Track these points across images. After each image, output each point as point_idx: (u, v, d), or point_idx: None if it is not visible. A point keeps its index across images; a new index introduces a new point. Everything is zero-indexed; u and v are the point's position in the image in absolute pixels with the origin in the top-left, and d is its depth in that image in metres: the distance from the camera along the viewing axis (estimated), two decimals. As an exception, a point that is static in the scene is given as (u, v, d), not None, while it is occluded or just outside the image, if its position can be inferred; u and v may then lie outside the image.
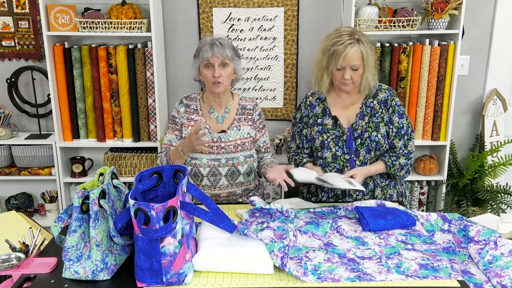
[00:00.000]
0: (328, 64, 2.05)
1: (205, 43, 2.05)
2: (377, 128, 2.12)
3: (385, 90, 2.18)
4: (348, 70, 2.03)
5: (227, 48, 2.04)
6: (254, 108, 2.21)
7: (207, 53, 2.02)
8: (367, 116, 2.14)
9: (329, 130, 2.15)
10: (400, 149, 2.15)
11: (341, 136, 2.13)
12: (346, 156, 2.12)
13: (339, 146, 2.13)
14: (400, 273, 1.47)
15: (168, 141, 2.17)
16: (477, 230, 1.67)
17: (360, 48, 2.01)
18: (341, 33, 2.03)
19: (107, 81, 2.94)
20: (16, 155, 3.07)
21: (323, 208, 1.95)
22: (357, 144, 2.12)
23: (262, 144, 2.23)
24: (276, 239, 1.55)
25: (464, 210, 2.88)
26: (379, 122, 2.13)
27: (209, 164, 2.11)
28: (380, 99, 2.15)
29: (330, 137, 2.14)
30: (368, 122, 2.13)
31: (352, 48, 1.99)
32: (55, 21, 2.84)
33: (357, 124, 2.13)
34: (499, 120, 3.17)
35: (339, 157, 2.13)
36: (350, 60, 2.00)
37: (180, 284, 1.40)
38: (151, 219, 1.31)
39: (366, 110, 2.14)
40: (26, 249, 1.56)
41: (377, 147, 2.12)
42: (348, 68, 2.02)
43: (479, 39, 3.11)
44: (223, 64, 2.05)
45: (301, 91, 3.20)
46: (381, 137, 2.11)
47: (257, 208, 1.81)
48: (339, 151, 2.13)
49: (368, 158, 2.13)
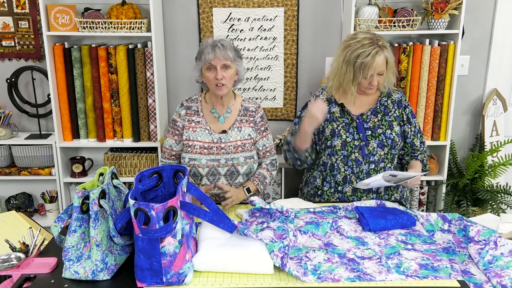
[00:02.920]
0: (355, 76, 2.05)
1: (207, 45, 2.04)
2: (391, 127, 2.15)
3: (397, 91, 2.23)
4: (375, 77, 2.05)
5: (228, 49, 2.04)
6: (256, 110, 2.21)
7: (209, 56, 2.02)
8: (380, 113, 2.17)
9: (337, 118, 2.17)
10: (421, 147, 2.23)
11: (350, 123, 2.15)
12: (356, 142, 2.13)
13: (350, 133, 2.14)
14: (400, 273, 1.47)
15: (169, 146, 2.19)
16: (477, 230, 1.67)
17: (386, 54, 2.03)
18: (362, 42, 2.02)
19: (107, 81, 2.94)
20: (16, 155, 3.07)
21: (323, 208, 1.95)
22: (368, 134, 2.14)
23: (261, 147, 2.22)
24: (276, 239, 1.55)
25: (464, 210, 2.88)
26: (392, 121, 2.17)
27: (208, 165, 2.11)
28: (394, 99, 2.20)
29: (340, 125, 2.16)
30: (381, 120, 2.16)
31: (380, 57, 2.01)
32: (55, 21, 2.84)
33: (369, 117, 2.16)
34: (499, 120, 3.17)
35: (348, 143, 2.13)
36: (379, 68, 2.03)
37: (180, 284, 1.40)
38: (151, 219, 1.31)
39: (380, 108, 2.18)
40: (26, 249, 1.56)
41: (393, 145, 2.15)
42: (376, 75, 2.05)
43: (479, 39, 3.12)
44: (225, 66, 2.05)
45: (301, 91, 3.20)
46: (395, 135, 2.15)
47: (257, 208, 1.81)
48: (350, 137, 2.14)
49: (378, 152, 2.14)
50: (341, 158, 2.14)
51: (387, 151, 2.14)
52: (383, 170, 2.16)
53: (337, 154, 2.15)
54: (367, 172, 2.14)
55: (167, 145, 2.20)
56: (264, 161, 2.25)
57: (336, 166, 2.16)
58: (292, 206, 1.95)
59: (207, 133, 2.12)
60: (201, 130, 2.13)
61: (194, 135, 2.12)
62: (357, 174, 2.14)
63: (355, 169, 2.14)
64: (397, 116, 2.18)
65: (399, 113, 2.19)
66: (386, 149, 2.14)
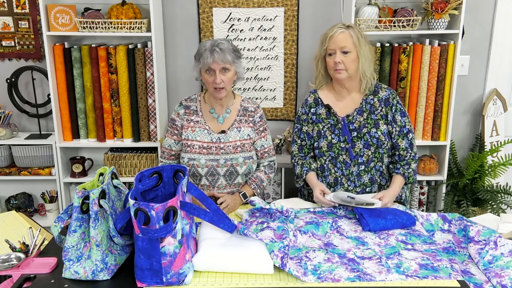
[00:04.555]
0: (321, 51, 2.13)
1: (206, 49, 2.04)
2: (377, 125, 2.13)
3: (386, 89, 2.19)
4: (338, 54, 2.06)
5: (227, 52, 2.03)
6: (255, 110, 2.21)
7: (208, 60, 2.02)
8: (366, 112, 2.15)
9: (323, 119, 2.17)
10: (407, 152, 2.16)
11: (336, 124, 2.15)
12: (342, 145, 2.13)
13: (335, 134, 2.15)
14: (400, 273, 1.47)
15: (168, 146, 2.20)
16: (477, 230, 1.67)
17: (349, 31, 2.07)
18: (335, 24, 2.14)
19: (107, 81, 2.94)
20: (16, 155, 3.07)
21: (323, 208, 1.95)
22: (353, 136, 2.13)
23: (259, 148, 2.22)
24: (276, 239, 1.55)
25: (464, 210, 2.88)
26: (378, 120, 2.14)
27: (207, 165, 2.11)
28: (381, 97, 2.17)
29: (325, 126, 2.16)
30: (367, 119, 2.14)
31: (342, 32, 2.08)
32: (55, 21, 2.84)
33: (354, 117, 2.14)
34: (499, 120, 3.17)
35: (334, 145, 2.14)
36: (339, 42, 2.06)
37: (180, 284, 1.40)
38: (151, 219, 1.31)
39: (365, 107, 2.16)
40: (26, 249, 1.56)
41: (379, 144, 2.13)
42: (339, 51, 2.06)
43: (479, 39, 3.11)
44: (224, 69, 2.05)
45: (301, 91, 3.20)
46: (381, 134, 2.12)
47: (257, 208, 1.81)
48: (335, 139, 2.14)
49: (366, 153, 2.13)
50: (329, 159, 2.16)
51: (374, 151, 2.13)
52: (374, 169, 2.15)
53: (324, 156, 2.16)
54: (358, 173, 2.14)
55: (166, 144, 2.20)
56: (262, 162, 2.25)
57: (326, 167, 2.17)
58: (292, 206, 1.95)
59: (206, 133, 2.12)
60: (200, 130, 2.13)
61: (193, 135, 2.12)
62: (348, 176, 2.15)
63: (344, 171, 2.15)
64: (383, 114, 2.15)
65: (385, 111, 2.16)
66: (372, 148, 2.13)
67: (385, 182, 2.20)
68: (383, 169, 2.18)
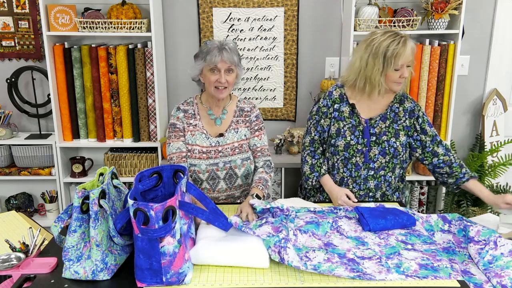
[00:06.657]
0: (385, 67, 1.98)
1: (214, 47, 2.01)
2: (397, 135, 2.09)
3: (411, 100, 2.15)
4: (405, 68, 2.00)
5: (234, 53, 2.03)
6: (251, 110, 2.19)
7: (216, 58, 1.99)
8: (389, 120, 2.10)
9: (345, 118, 2.12)
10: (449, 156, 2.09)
11: (357, 125, 2.10)
12: (359, 147, 2.09)
13: (355, 136, 2.09)
14: (400, 273, 1.47)
15: (177, 149, 2.09)
16: (477, 230, 1.67)
17: (412, 44, 1.99)
18: (386, 35, 1.98)
19: (107, 81, 2.94)
20: (16, 155, 3.07)
21: (323, 207, 1.95)
22: (371, 140, 2.09)
23: (252, 146, 2.18)
24: (274, 233, 1.57)
25: (464, 210, 2.88)
26: (399, 130, 2.10)
27: (208, 169, 2.10)
28: (406, 108, 2.12)
29: (346, 125, 2.11)
30: (388, 127, 2.10)
31: (409, 45, 1.97)
32: (55, 21, 2.84)
33: (377, 122, 2.10)
34: (499, 120, 3.17)
35: (352, 146, 2.09)
36: (409, 57, 1.98)
37: (180, 284, 1.40)
38: (150, 219, 1.31)
39: (390, 114, 2.11)
40: (26, 249, 1.56)
41: (395, 154, 2.09)
42: (405, 66, 2.00)
43: (479, 39, 3.11)
44: (229, 69, 2.04)
45: (301, 91, 3.20)
46: (399, 145, 2.09)
47: (258, 212, 1.81)
48: (354, 140, 2.09)
49: (380, 160, 2.09)
50: (341, 159, 2.12)
51: (388, 160, 2.09)
52: (382, 177, 2.12)
53: (338, 155, 2.12)
54: (365, 177, 2.11)
55: (174, 149, 2.09)
56: (256, 161, 2.19)
57: (336, 166, 2.14)
58: (292, 205, 1.94)
59: (204, 137, 2.11)
60: (199, 134, 2.11)
61: (193, 139, 2.11)
62: (355, 178, 2.12)
63: (353, 173, 2.11)
64: (406, 126, 2.11)
65: (410, 123, 2.11)
66: (387, 157, 2.09)
67: (390, 192, 2.18)
68: (392, 180, 2.15)
